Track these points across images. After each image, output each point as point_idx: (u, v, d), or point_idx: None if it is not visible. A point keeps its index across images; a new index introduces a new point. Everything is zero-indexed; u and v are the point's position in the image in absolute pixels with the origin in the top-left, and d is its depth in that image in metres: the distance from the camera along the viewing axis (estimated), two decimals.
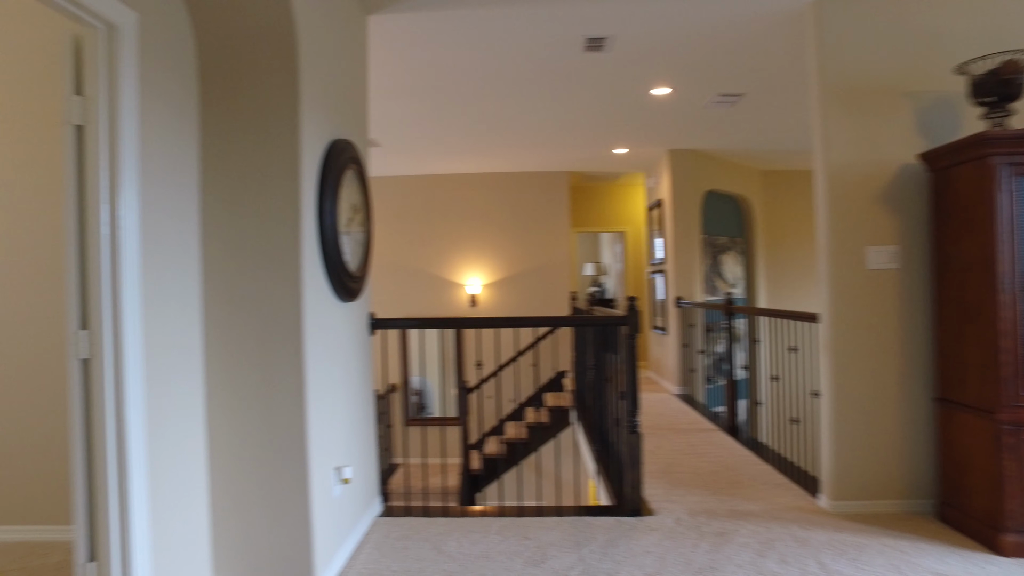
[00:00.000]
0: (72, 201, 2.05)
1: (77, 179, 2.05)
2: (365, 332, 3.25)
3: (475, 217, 8.33)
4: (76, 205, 2.05)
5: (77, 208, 2.05)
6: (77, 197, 2.05)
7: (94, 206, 2.03)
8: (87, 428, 2.06)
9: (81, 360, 2.06)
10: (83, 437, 2.06)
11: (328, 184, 2.66)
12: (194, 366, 2.44)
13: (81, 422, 2.05)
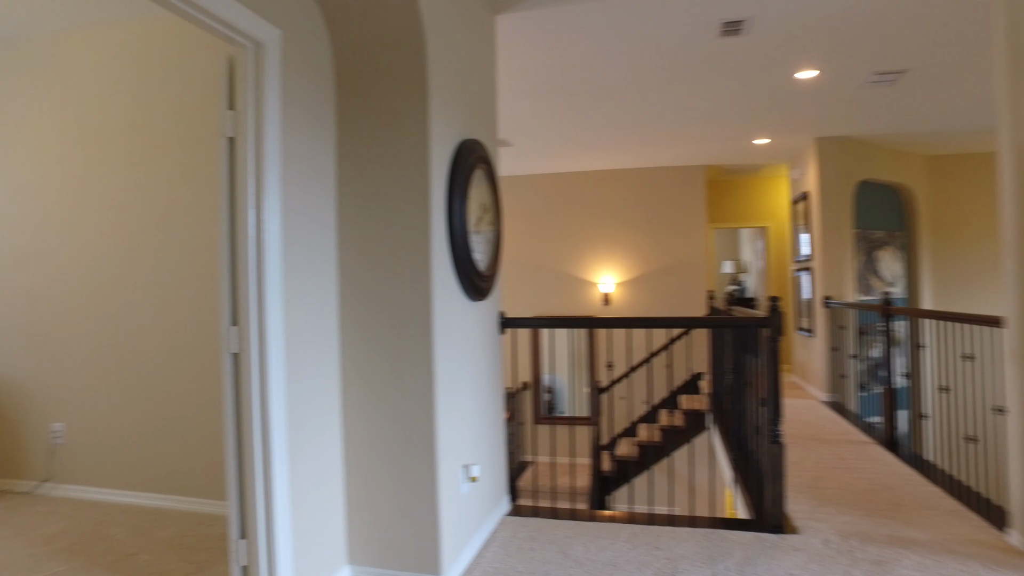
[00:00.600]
0: (225, 207, 2.22)
1: (229, 187, 2.22)
2: (495, 331, 3.27)
3: (608, 214, 8.20)
4: (228, 211, 2.22)
5: (229, 214, 2.22)
6: (229, 204, 2.22)
7: (243, 212, 2.18)
8: (237, 416, 2.23)
9: (232, 354, 2.23)
10: (234, 424, 2.23)
11: (457, 184, 2.69)
12: (331, 361, 2.57)
13: (232, 410, 2.23)
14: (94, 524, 3.19)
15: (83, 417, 3.62)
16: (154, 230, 3.46)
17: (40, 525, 3.20)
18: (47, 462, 3.70)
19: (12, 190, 3.75)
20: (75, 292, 3.63)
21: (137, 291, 3.49)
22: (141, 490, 3.50)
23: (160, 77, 3.45)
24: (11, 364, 3.76)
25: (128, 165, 3.50)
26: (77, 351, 3.62)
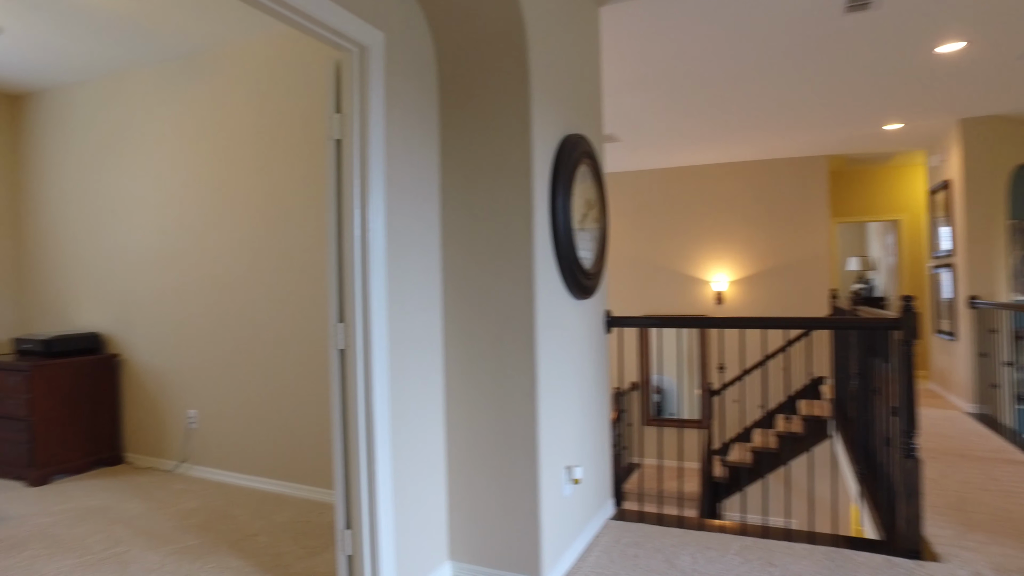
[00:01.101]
0: (332, 207, 2.29)
1: (336, 188, 2.29)
2: (600, 330, 3.19)
3: (721, 210, 7.84)
4: (336, 211, 2.29)
5: (336, 213, 2.29)
6: (336, 204, 2.29)
7: (349, 211, 2.24)
8: (344, 410, 2.30)
9: (339, 350, 2.30)
10: (341, 417, 2.30)
11: (560, 180, 2.64)
12: (434, 358, 2.60)
13: (339, 404, 2.30)
14: (222, 504, 3.43)
15: (213, 406, 3.91)
16: (275, 232, 3.66)
17: (178, 501, 3.48)
18: (184, 445, 4.03)
19: (158, 199, 4.11)
20: (207, 291, 3.92)
21: (259, 289, 3.71)
22: (262, 476, 3.72)
23: (280, 88, 3.65)
24: (158, 355, 4.12)
25: (253, 171, 3.73)
26: (209, 345, 3.91)
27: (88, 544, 2.93)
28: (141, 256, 4.20)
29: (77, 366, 4.06)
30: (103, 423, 4.20)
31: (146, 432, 4.22)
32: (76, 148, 4.52)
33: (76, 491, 3.70)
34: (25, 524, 3.19)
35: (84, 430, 4.09)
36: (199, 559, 2.75)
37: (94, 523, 3.18)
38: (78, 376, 4.07)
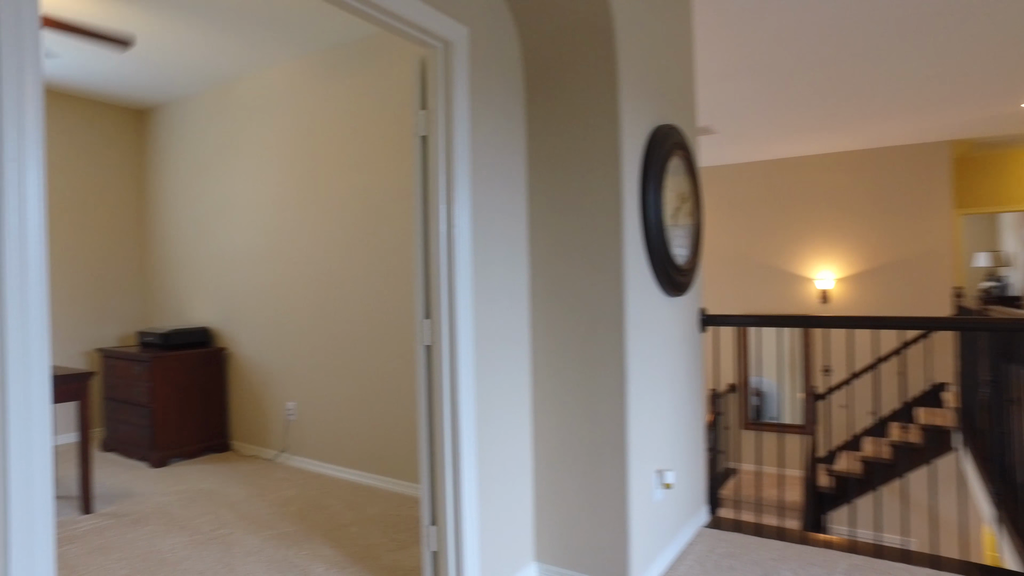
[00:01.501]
0: (419, 204, 2.30)
1: (422, 184, 2.30)
2: (695, 329, 3.05)
3: (826, 203, 7.36)
4: (422, 207, 2.30)
5: (422, 210, 2.30)
6: (423, 200, 2.30)
7: (434, 207, 2.24)
8: (430, 406, 2.31)
9: (425, 346, 2.30)
10: (427, 414, 2.30)
11: (651, 173, 2.53)
12: (521, 355, 2.56)
13: (425, 400, 2.30)
14: (317, 494, 3.56)
15: (310, 398, 4.06)
16: (365, 229, 3.76)
17: (277, 489, 3.64)
18: (283, 435, 4.22)
19: (258, 200, 4.33)
20: (303, 288, 4.08)
21: (351, 285, 3.82)
22: (355, 468, 3.83)
23: (373, 87, 3.73)
24: (260, 349, 4.34)
25: (346, 170, 3.85)
26: (306, 340, 4.08)
27: (198, 524, 3.11)
28: (244, 255, 4.44)
29: (190, 358, 4.35)
30: (213, 412, 4.47)
31: (250, 422, 4.45)
32: (190, 156, 4.84)
33: (189, 474, 3.96)
34: (147, 501, 3.43)
35: (196, 418, 4.37)
36: (295, 545, 2.85)
37: (203, 505, 3.38)
38: (191, 367, 4.35)
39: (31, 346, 1.17)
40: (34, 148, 1.17)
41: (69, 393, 3.21)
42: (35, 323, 1.17)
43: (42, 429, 1.18)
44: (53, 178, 4.76)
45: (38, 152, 1.19)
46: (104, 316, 5.04)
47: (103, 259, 5.04)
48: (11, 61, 1.14)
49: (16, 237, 1.15)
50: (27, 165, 1.16)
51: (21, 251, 1.16)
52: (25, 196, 1.16)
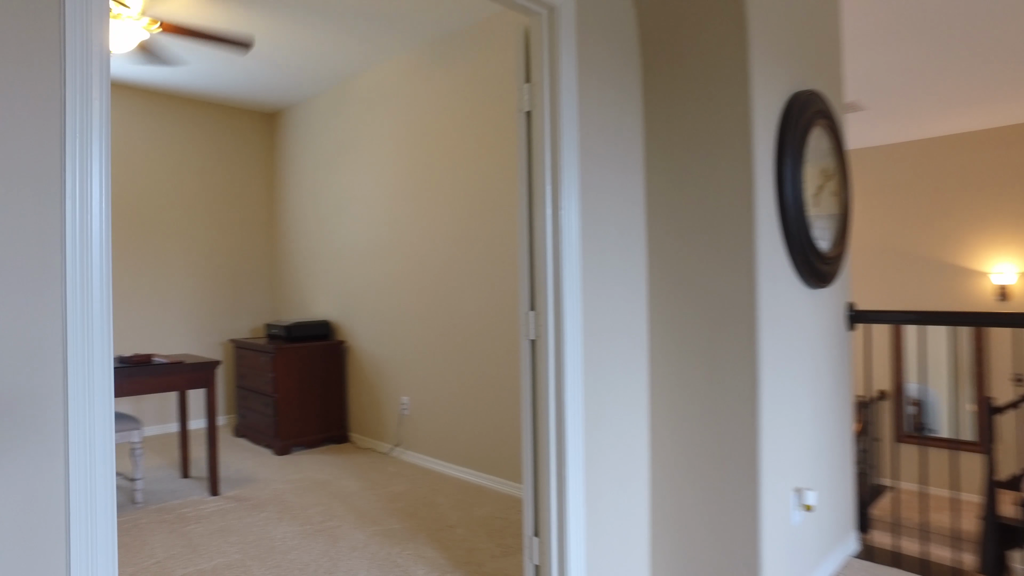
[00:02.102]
0: (523, 185, 2.12)
1: (527, 164, 2.11)
2: (841, 326, 2.64)
3: (1002, 185, 6.36)
4: (527, 190, 2.11)
5: (527, 192, 2.11)
6: (527, 182, 2.11)
7: (540, 189, 2.05)
8: (534, 407, 2.11)
9: (530, 341, 2.11)
10: (531, 415, 2.11)
11: (788, 146, 2.19)
12: (636, 353, 2.30)
13: (529, 401, 2.11)
14: (426, 491, 3.49)
15: (422, 393, 4.02)
16: (477, 220, 3.64)
17: (389, 483, 3.62)
18: (397, 430, 4.22)
19: (373, 194, 4.35)
20: (415, 281, 4.04)
21: (463, 278, 3.72)
22: (465, 466, 3.73)
23: (483, 75, 3.61)
24: (375, 343, 4.38)
25: (455, 162, 3.75)
26: (418, 334, 4.04)
27: (309, 514, 3.13)
28: (362, 249, 4.49)
29: (311, 350, 4.46)
30: (333, 404, 4.57)
31: (367, 415, 4.50)
32: (313, 154, 4.99)
33: (308, 464, 4.05)
34: (267, 488, 3.53)
35: (317, 409, 4.48)
36: (399, 544, 2.77)
37: (317, 495, 3.42)
38: (312, 359, 4.47)
39: (93, 347, 1.10)
40: (99, 154, 1.11)
41: (197, 381, 3.35)
42: (98, 321, 1.11)
43: (104, 430, 1.11)
44: (192, 181, 5.09)
45: (105, 156, 1.13)
46: (239, 308, 5.33)
47: (238, 255, 5.33)
48: (79, 74, 1.08)
49: (78, 240, 1.09)
50: (91, 170, 1.10)
51: (84, 252, 1.09)
52: (90, 201, 1.10)
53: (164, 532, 2.92)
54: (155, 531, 2.93)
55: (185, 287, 5.04)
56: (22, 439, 1.04)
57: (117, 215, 4.71)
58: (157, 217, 4.91)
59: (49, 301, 1.08)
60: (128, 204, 4.77)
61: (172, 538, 2.85)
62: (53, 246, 1.06)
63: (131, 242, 4.78)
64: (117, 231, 4.71)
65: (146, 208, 4.85)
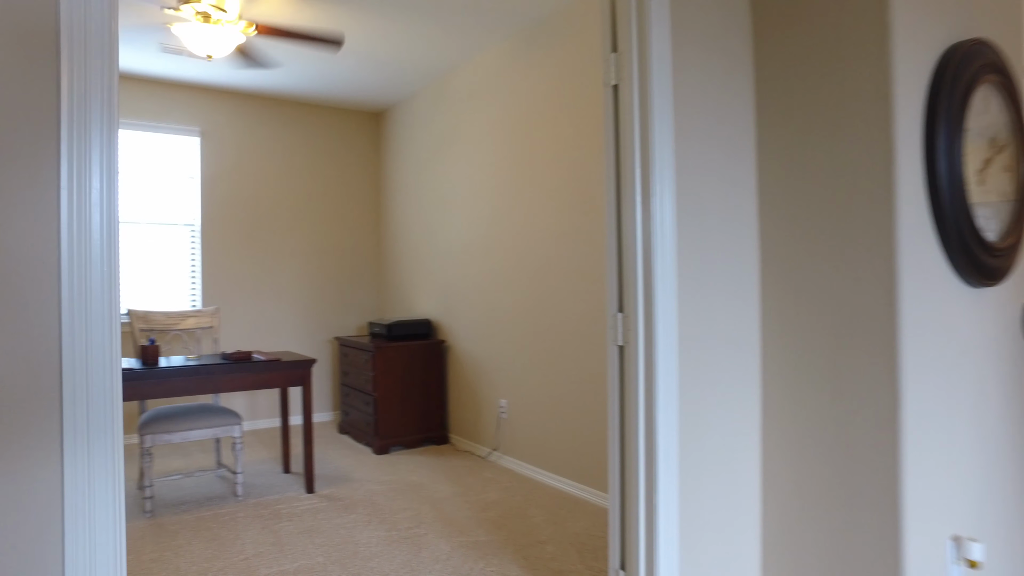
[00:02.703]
0: (610, 170, 1.86)
1: (614, 145, 1.86)
2: (1016, 333, 2.15)
3: None
4: (614, 174, 1.86)
5: (615, 177, 1.86)
6: (615, 165, 1.86)
7: (628, 174, 1.79)
8: (622, 421, 1.86)
9: (618, 346, 1.86)
10: (618, 429, 1.86)
11: (941, 111, 1.77)
12: (745, 364, 1.98)
13: (617, 414, 1.86)
14: (520, 501, 3.30)
15: (520, 397, 3.84)
16: (577, 215, 3.40)
17: (482, 490, 3.47)
18: (495, 433, 4.07)
19: (473, 189, 4.23)
20: (514, 280, 3.87)
21: (562, 276, 3.50)
22: (562, 475, 3.51)
23: (574, 64, 3.36)
24: (475, 343, 4.26)
25: (553, 155, 3.53)
26: (517, 335, 3.86)
27: (398, 519, 3.04)
28: (461, 246, 4.39)
29: (411, 349, 4.42)
30: (432, 404, 4.51)
31: (466, 417, 4.39)
32: (415, 151, 4.97)
33: (404, 464, 4.00)
34: (360, 488, 3.50)
35: (417, 409, 4.43)
36: (483, 559, 2.60)
37: (408, 499, 3.33)
38: (412, 358, 4.42)
39: (91, 346, 1.00)
40: (101, 142, 1.00)
41: (293, 379, 3.37)
42: (99, 321, 1.00)
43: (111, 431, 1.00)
44: (302, 182, 5.23)
45: (107, 144, 1.02)
46: (346, 306, 5.43)
47: (346, 254, 5.43)
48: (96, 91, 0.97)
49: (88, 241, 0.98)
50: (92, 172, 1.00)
51: (81, 247, 0.99)
52: (90, 201, 1.00)
53: (257, 528, 2.94)
54: (249, 526, 2.96)
55: (295, 285, 5.20)
56: (18, 443, 0.96)
57: (234, 218, 4.93)
58: (270, 219, 5.09)
59: (46, 303, 0.99)
60: (243, 207, 4.97)
61: (263, 535, 2.86)
62: (48, 240, 0.97)
63: (246, 243, 4.98)
64: (234, 233, 4.93)
65: (260, 210, 5.05)
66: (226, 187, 4.90)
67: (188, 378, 3.08)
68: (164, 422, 3.13)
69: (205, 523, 3.00)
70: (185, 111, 4.75)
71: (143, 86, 4.60)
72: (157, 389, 3.01)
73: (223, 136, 4.89)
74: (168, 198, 4.71)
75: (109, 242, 1.04)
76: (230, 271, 4.91)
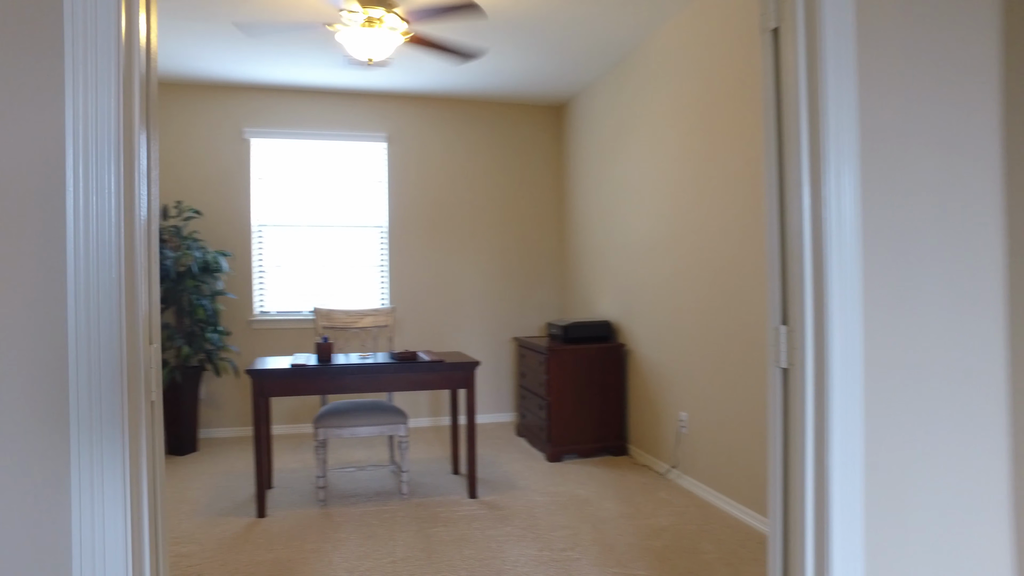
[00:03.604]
0: (770, 138, 1.45)
1: (775, 107, 1.44)
2: None
3: None
4: (775, 143, 1.45)
5: (776, 150, 1.45)
6: (775, 132, 1.45)
7: (792, 144, 1.37)
8: (785, 468, 1.44)
9: (780, 369, 1.45)
10: (781, 480, 1.45)
11: None
12: (983, 410, 1.43)
13: (779, 459, 1.45)
14: (694, 530, 2.89)
15: (701, 410, 3.40)
16: (763, 210, 2.88)
17: (653, 513, 3.12)
18: (674, 449, 3.66)
19: (653, 180, 3.86)
20: (696, 279, 3.44)
21: (748, 279, 3.00)
22: (746, 505, 3.02)
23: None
24: (655, 348, 3.89)
25: (736, 141, 3.04)
26: (698, 341, 3.43)
27: (553, 538, 2.83)
28: (641, 242, 4.04)
29: (588, 352, 4.18)
30: (610, 412, 4.22)
31: (645, 428, 4.04)
32: (595, 143, 4.70)
33: (574, 475, 3.77)
34: (523, 498, 3.36)
35: (593, 416, 4.18)
36: None
37: (570, 515, 3.11)
38: (589, 362, 4.18)
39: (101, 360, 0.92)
40: (111, 148, 0.93)
41: (455, 381, 3.33)
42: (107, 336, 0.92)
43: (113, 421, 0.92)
44: (483, 180, 5.25)
45: (113, 150, 0.94)
46: (527, 306, 5.36)
47: (527, 252, 5.35)
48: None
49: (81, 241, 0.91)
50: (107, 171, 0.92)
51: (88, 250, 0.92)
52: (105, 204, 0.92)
53: (412, 530, 2.93)
54: (406, 527, 2.96)
55: (477, 284, 5.24)
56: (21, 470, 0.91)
57: (418, 219, 5.10)
58: (453, 218, 5.19)
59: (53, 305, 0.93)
60: (427, 208, 5.13)
61: (416, 539, 2.83)
62: (56, 238, 0.91)
63: (430, 243, 5.13)
64: (419, 233, 5.10)
65: (443, 210, 5.17)
66: (411, 189, 5.09)
67: (354, 376, 3.18)
68: (335, 417, 3.28)
69: (367, 518, 3.07)
70: (372, 118, 5.02)
71: (332, 98, 4.95)
72: (328, 385, 3.15)
73: (407, 140, 5.09)
74: (359, 202, 5.03)
75: (115, 239, 0.97)
76: (415, 270, 5.10)
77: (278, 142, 4.88)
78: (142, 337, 0.97)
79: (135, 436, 0.93)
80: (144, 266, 1.00)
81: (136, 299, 0.95)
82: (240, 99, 4.80)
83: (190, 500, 3.35)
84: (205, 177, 4.75)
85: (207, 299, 4.21)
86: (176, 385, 4.14)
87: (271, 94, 4.84)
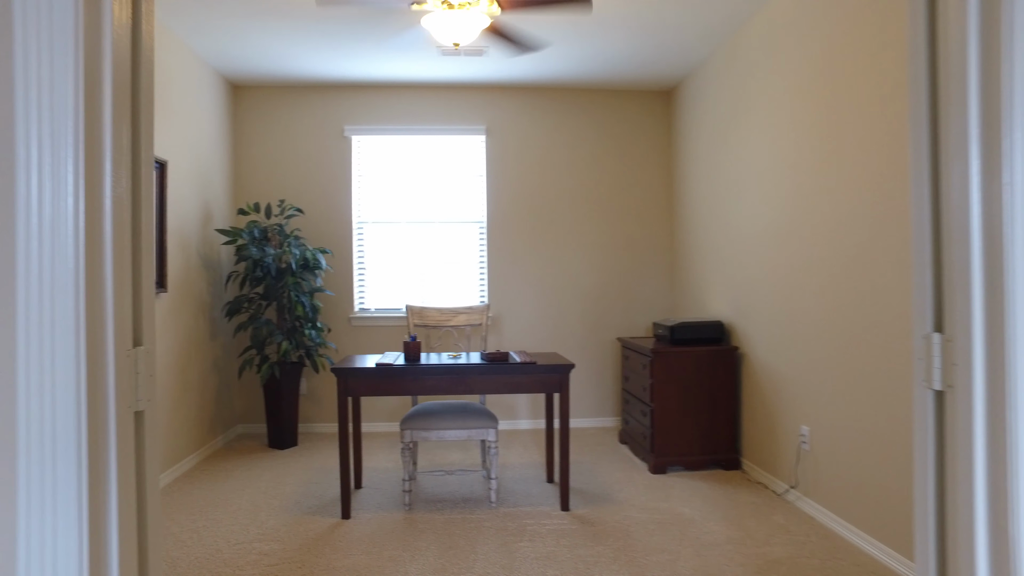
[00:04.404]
0: (920, 103, 1.12)
1: (927, 66, 1.11)
2: None
3: None
4: (926, 110, 1.11)
5: (927, 114, 1.11)
6: (927, 95, 1.11)
7: (955, 107, 1.04)
8: (939, 521, 1.10)
9: (933, 391, 1.11)
10: (934, 499, 1.11)
11: None
12: None
13: (932, 478, 1.11)
14: (815, 565, 2.50)
15: (826, 425, 2.97)
16: (898, 195, 2.43)
17: (766, 540, 2.75)
18: (794, 467, 3.24)
19: (770, 167, 3.43)
20: (818, 275, 3.00)
21: (885, 271, 2.56)
22: (877, 538, 2.57)
23: None
24: (772, 352, 3.47)
25: (867, 111, 2.59)
26: (821, 345, 2.99)
27: (647, 563, 2.54)
28: (757, 235, 3.62)
29: (697, 356, 3.82)
30: (721, 422, 3.83)
31: (761, 441, 3.62)
32: (707, 128, 4.31)
33: (680, 491, 3.44)
34: (619, 514, 3.08)
35: (701, 425, 3.82)
36: None
37: (670, 537, 2.80)
38: (697, 366, 3.82)
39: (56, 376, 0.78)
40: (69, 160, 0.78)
41: (547, 384, 3.12)
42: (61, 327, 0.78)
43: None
44: (585, 171, 4.98)
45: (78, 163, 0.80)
46: (633, 304, 5.04)
47: (633, 246, 5.03)
48: None
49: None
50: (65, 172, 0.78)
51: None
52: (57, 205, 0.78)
53: (496, 544, 2.74)
54: (490, 540, 2.78)
55: (579, 280, 4.98)
56: None
57: (517, 213, 4.92)
58: (553, 212, 4.96)
59: None
60: (527, 201, 4.93)
61: (498, 554, 2.64)
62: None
63: (529, 237, 4.94)
64: (518, 228, 4.92)
65: (543, 203, 4.95)
66: (510, 182, 4.92)
67: (439, 377, 3.04)
68: (421, 419, 3.16)
69: (451, 527, 2.92)
70: (470, 111, 4.90)
71: (429, 92, 4.87)
72: (412, 386, 3.04)
73: (506, 131, 4.92)
74: (458, 197, 4.92)
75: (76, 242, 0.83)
76: (514, 266, 4.93)
77: (378, 138, 4.88)
78: (115, 340, 0.84)
79: (99, 453, 0.81)
80: (126, 264, 0.87)
81: (103, 299, 0.82)
82: (341, 97, 4.84)
83: (282, 496, 3.37)
84: (307, 175, 4.83)
85: (306, 296, 4.26)
86: (276, 380, 4.22)
87: (370, 91, 4.85)
